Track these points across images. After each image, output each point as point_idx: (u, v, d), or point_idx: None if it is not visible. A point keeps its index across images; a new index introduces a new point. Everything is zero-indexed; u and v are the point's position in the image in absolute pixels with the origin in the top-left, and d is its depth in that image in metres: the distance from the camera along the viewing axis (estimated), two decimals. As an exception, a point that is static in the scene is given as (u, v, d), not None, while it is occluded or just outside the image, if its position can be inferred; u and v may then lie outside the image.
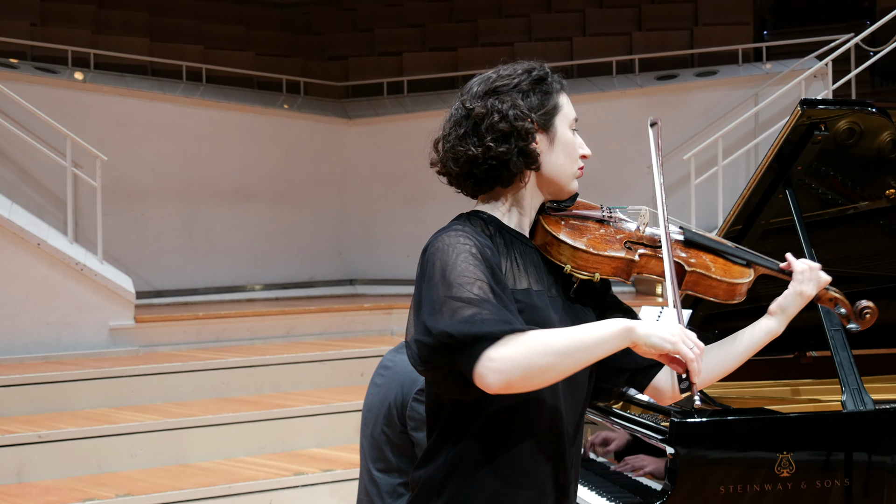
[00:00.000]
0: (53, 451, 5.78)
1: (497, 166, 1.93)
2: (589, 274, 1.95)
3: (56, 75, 9.46)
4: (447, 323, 1.74)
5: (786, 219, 3.33)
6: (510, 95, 1.96)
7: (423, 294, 1.81)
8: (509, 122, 1.92)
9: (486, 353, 1.71)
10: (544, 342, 1.73)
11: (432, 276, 1.81)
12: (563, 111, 2.01)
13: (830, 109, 3.15)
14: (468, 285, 1.77)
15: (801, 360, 3.91)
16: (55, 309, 7.39)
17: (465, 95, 2.00)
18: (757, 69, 10.22)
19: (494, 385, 1.71)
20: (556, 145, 1.98)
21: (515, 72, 2.00)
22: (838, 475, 2.84)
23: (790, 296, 2.09)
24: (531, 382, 1.74)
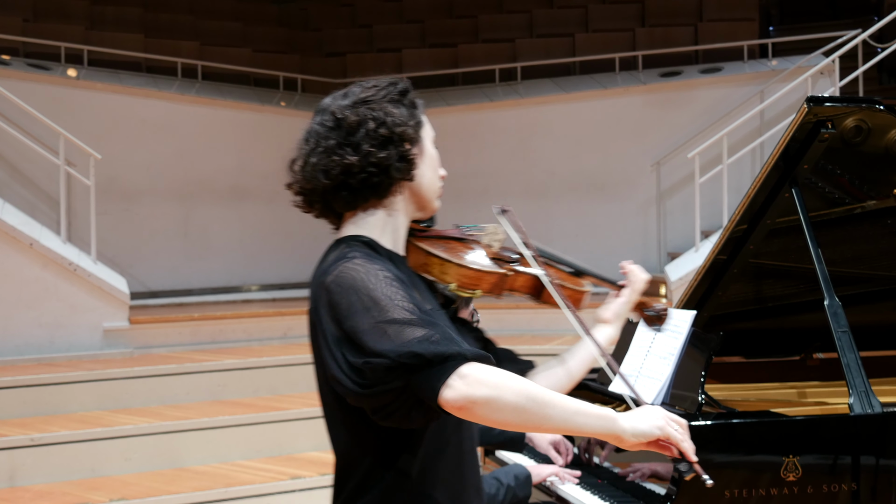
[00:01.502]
0: (46, 454, 5.78)
1: (377, 173, 1.89)
2: (472, 291, 1.95)
3: (49, 72, 9.46)
4: (400, 345, 1.69)
5: (792, 218, 3.33)
6: (381, 105, 1.93)
7: (354, 322, 1.74)
8: (388, 128, 1.90)
9: (460, 370, 1.68)
10: (523, 384, 1.71)
11: (359, 306, 1.75)
12: (427, 127, 2.00)
13: (837, 107, 3.14)
14: (401, 307, 1.74)
15: (808, 362, 3.91)
16: (48, 310, 7.39)
17: (327, 111, 1.94)
18: (762, 66, 10.22)
19: (457, 400, 1.67)
20: (424, 158, 1.97)
21: (380, 84, 1.97)
22: (845, 479, 2.84)
23: (623, 304, 2.24)
24: (494, 415, 1.69)
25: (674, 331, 3.20)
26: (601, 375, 3.69)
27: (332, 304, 1.79)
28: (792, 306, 3.79)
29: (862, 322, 3.38)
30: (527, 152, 10.34)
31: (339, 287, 1.79)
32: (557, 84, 10.78)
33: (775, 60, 10.26)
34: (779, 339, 3.91)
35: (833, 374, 3.55)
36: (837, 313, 3.10)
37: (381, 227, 1.95)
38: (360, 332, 1.73)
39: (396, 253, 1.95)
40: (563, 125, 10.32)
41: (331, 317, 1.79)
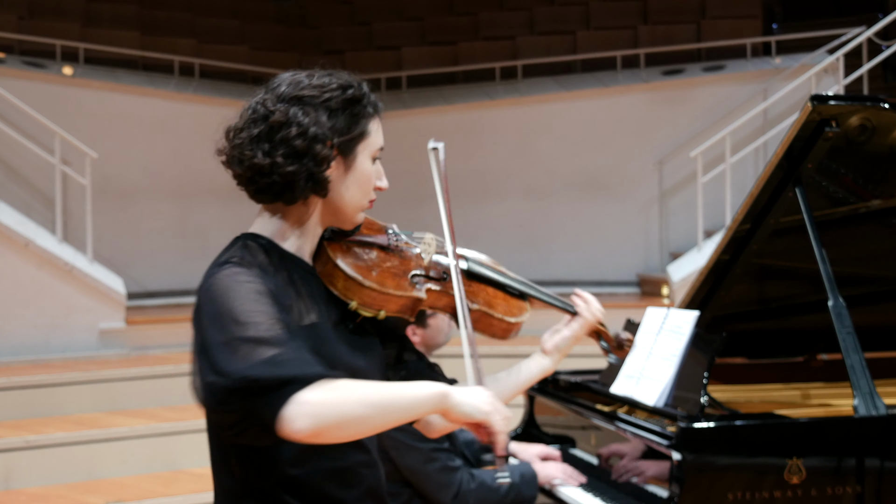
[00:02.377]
0: (41, 456, 5.77)
1: (281, 184, 1.83)
2: (374, 311, 1.87)
3: (44, 70, 9.45)
4: (246, 365, 1.66)
5: (796, 218, 3.33)
6: (316, 110, 1.84)
7: (210, 335, 1.72)
8: (306, 141, 1.81)
9: (297, 397, 1.63)
10: (360, 392, 1.68)
11: (219, 316, 1.72)
12: (370, 139, 1.89)
13: (842, 105, 3.14)
14: (260, 324, 1.69)
15: (812, 363, 3.91)
16: (43, 310, 7.38)
17: (270, 93, 1.88)
18: (766, 64, 10.22)
19: (304, 430, 1.63)
20: (350, 175, 1.88)
21: (329, 85, 1.87)
22: (850, 482, 2.84)
23: (566, 338, 2.13)
24: (342, 432, 1.67)
25: (676, 332, 3.20)
26: (603, 376, 3.69)
27: (198, 311, 1.78)
28: (796, 307, 3.79)
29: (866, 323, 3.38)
30: (527, 151, 10.33)
31: (206, 294, 1.79)
32: (558, 82, 10.78)
33: (779, 58, 10.26)
34: (782, 340, 3.92)
35: (837, 375, 3.55)
36: (842, 314, 3.10)
37: (286, 231, 1.91)
38: (213, 346, 1.71)
39: (298, 259, 1.89)
40: (564, 124, 10.32)
41: (195, 324, 1.78)
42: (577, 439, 3.62)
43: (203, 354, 1.73)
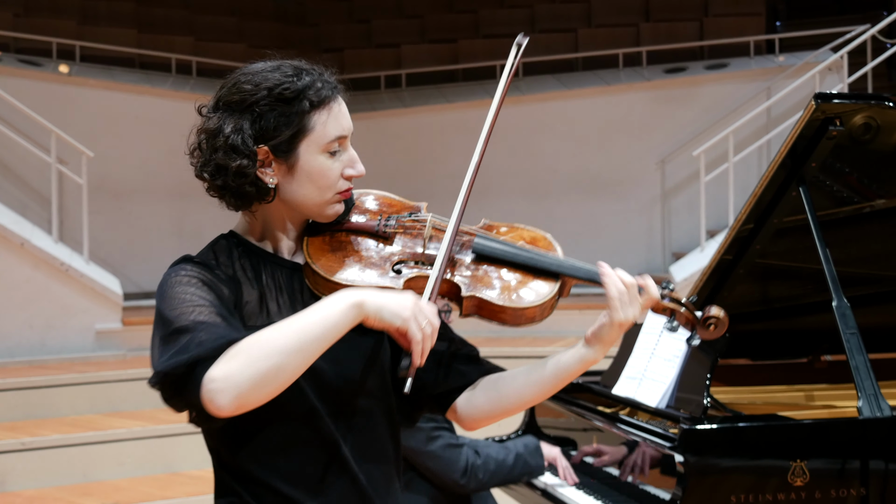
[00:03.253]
0: (37, 458, 5.78)
1: (219, 196, 1.83)
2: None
3: (40, 68, 9.46)
4: (161, 360, 1.66)
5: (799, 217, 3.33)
6: (242, 115, 1.78)
7: (153, 333, 1.73)
8: (225, 155, 1.77)
9: (207, 376, 1.60)
10: (265, 344, 1.61)
11: (158, 316, 1.73)
12: (314, 133, 1.79)
13: (846, 104, 3.14)
14: (185, 315, 1.68)
15: (816, 364, 3.91)
16: (39, 311, 7.39)
17: (215, 97, 1.84)
18: (769, 62, 10.22)
19: (226, 406, 1.59)
20: (297, 174, 1.80)
21: (259, 86, 1.79)
22: (854, 484, 2.84)
23: (606, 326, 1.80)
24: (265, 391, 1.62)
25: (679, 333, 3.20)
26: (604, 378, 3.69)
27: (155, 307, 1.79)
28: (799, 307, 3.79)
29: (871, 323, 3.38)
30: (528, 150, 10.34)
31: (158, 291, 1.79)
32: (560, 80, 10.78)
33: (782, 56, 10.26)
34: (786, 341, 3.92)
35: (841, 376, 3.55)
36: (846, 314, 3.10)
37: (257, 230, 1.89)
38: (153, 343, 1.72)
39: (273, 255, 1.86)
40: (565, 122, 10.32)
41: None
42: (578, 441, 3.62)
43: (162, 344, 1.72)
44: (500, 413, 1.92)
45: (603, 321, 1.80)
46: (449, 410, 1.95)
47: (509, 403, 1.90)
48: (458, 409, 1.93)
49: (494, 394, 1.90)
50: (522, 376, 1.88)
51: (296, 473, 1.79)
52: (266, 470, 1.79)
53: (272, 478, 1.79)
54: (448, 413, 1.96)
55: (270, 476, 1.79)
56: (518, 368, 1.92)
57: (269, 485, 1.78)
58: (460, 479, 3.46)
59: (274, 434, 1.78)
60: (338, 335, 1.67)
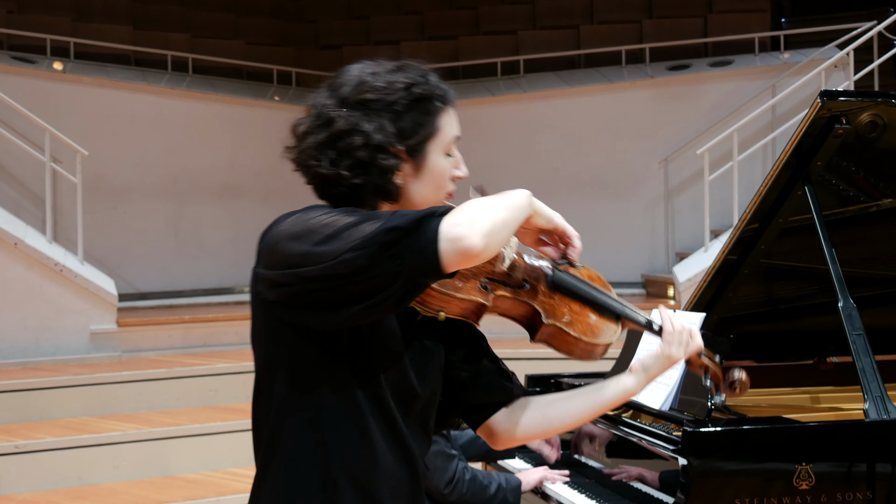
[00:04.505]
0: (31, 462, 5.78)
1: (348, 195, 1.81)
2: (433, 311, 1.82)
3: (34, 65, 9.46)
4: (377, 226, 1.64)
5: (805, 217, 3.33)
6: (380, 116, 1.79)
7: (324, 228, 1.68)
8: (370, 153, 1.78)
9: (447, 221, 1.63)
10: (491, 202, 1.71)
11: (311, 227, 1.70)
12: (441, 134, 1.85)
13: (852, 101, 3.15)
14: (353, 214, 1.70)
15: (821, 366, 3.91)
16: (33, 312, 7.39)
17: (334, 95, 1.83)
18: (774, 59, 10.22)
19: (478, 243, 1.62)
20: (423, 175, 1.84)
21: (393, 85, 1.82)
22: (860, 488, 2.84)
23: (655, 356, 1.94)
24: (499, 237, 1.68)
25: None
26: (607, 380, 3.69)
27: (270, 244, 1.76)
28: (805, 308, 3.79)
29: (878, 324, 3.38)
30: (530, 148, 10.34)
31: (278, 227, 1.78)
32: (561, 78, 10.78)
33: (788, 53, 10.26)
34: (791, 343, 3.92)
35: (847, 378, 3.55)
36: (852, 315, 3.10)
37: None
38: (337, 231, 1.67)
39: None
40: (567, 120, 10.32)
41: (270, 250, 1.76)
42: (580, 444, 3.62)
43: (327, 242, 1.67)
44: (540, 434, 2.00)
45: (652, 353, 1.93)
46: (483, 426, 2.00)
47: (550, 427, 1.98)
48: (495, 426, 1.98)
49: (537, 415, 1.97)
50: (565, 402, 1.96)
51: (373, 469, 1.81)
52: (344, 462, 1.80)
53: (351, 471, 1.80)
54: (481, 428, 2.00)
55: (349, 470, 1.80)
56: (557, 394, 1.99)
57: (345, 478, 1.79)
58: (444, 489, 3.52)
59: (353, 429, 1.79)
60: (525, 215, 1.80)
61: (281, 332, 1.79)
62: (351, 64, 1.92)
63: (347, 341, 1.78)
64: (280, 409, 1.80)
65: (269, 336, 1.81)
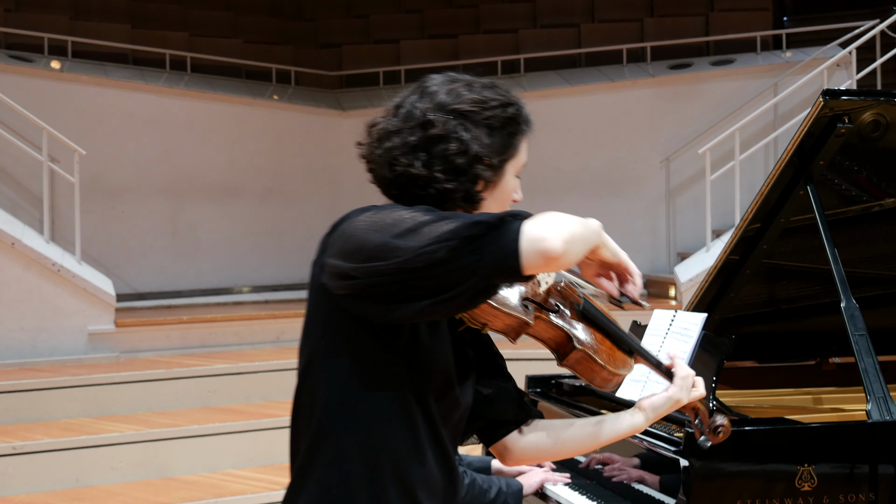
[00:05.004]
0: (28, 463, 5.78)
1: (435, 198, 1.84)
2: (478, 324, 1.86)
3: (31, 64, 9.46)
4: (460, 221, 1.67)
5: (807, 216, 3.33)
6: (477, 126, 1.86)
7: (403, 223, 1.70)
8: (469, 161, 1.83)
9: (530, 221, 1.67)
10: (566, 215, 1.73)
11: (390, 220, 1.72)
12: (519, 157, 1.95)
13: (854, 100, 3.15)
14: (431, 211, 1.72)
15: (824, 366, 3.91)
16: (30, 312, 7.39)
17: (426, 99, 1.87)
18: (776, 58, 10.22)
19: (556, 244, 1.63)
20: (496, 191, 1.91)
21: (491, 100, 1.88)
22: (863, 489, 2.84)
23: (664, 399, 2.03)
24: (576, 248, 1.70)
25: (683, 334, 3.20)
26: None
27: (344, 238, 1.79)
28: (807, 308, 3.79)
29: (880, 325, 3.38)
30: (530, 148, 10.28)
31: (353, 220, 1.79)
32: (562, 77, 10.78)
33: (790, 52, 10.26)
34: (793, 343, 3.92)
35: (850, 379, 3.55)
36: (854, 316, 3.10)
37: None
38: (417, 226, 1.70)
39: None
40: (568, 119, 10.32)
41: (344, 245, 1.78)
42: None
43: (407, 236, 1.69)
44: (549, 456, 2.12)
45: (662, 394, 2.02)
46: (499, 442, 2.07)
47: (561, 451, 2.09)
48: (511, 443, 2.06)
49: (551, 438, 2.07)
50: (578, 429, 2.06)
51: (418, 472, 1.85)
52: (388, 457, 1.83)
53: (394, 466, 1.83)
54: (495, 445, 2.07)
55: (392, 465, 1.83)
56: (570, 421, 2.09)
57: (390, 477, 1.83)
58: None
59: (403, 431, 1.83)
60: (592, 244, 1.79)
61: (341, 326, 1.81)
62: (433, 74, 1.96)
63: (406, 342, 1.81)
64: (331, 403, 1.83)
65: (328, 329, 1.83)
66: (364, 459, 1.81)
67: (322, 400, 1.83)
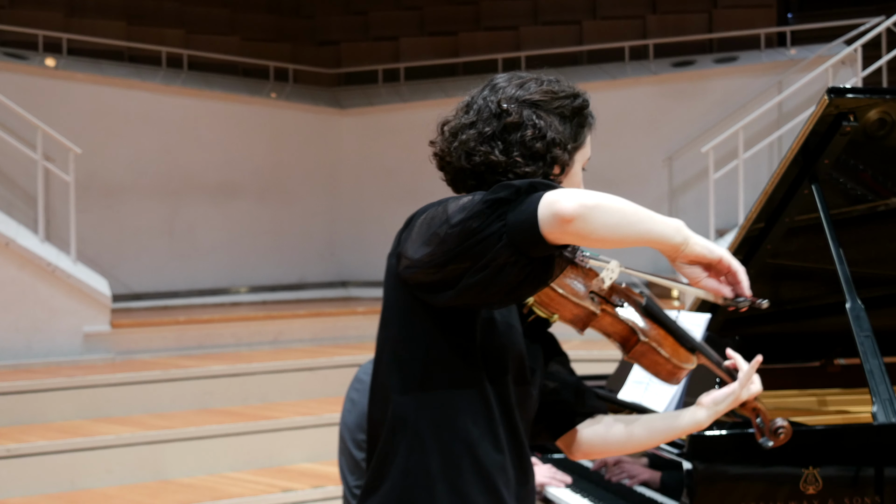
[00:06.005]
0: (23, 466, 5.78)
1: (488, 178, 1.92)
2: (548, 313, 1.92)
3: (26, 61, 9.46)
4: (491, 189, 1.72)
5: (812, 216, 3.33)
6: (549, 115, 1.94)
7: (440, 216, 1.77)
8: (546, 145, 1.92)
9: (550, 192, 1.69)
10: (605, 194, 1.73)
11: (442, 209, 1.78)
12: (585, 149, 2.02)
13: (860, 98, 3.15)
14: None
15: (829, 368, 3.91)
16: (25, 313, 7.39)
17: (500, 93, 1.95)
18: (781, 55, 10.22)
19: (566, 205, 1.65)
20: (565, 180, 1.99)
21: (560, 91, 1.98)
22: (868, 492, 2.84)
23: (725, 394, 2.08)
24: (602, 218, 1.68)
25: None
26: (610, 382, 3.69)
27: (415, 226, 1.84)
28: (812, 309, 3.79)
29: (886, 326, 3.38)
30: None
31: (424, 213, 1.85)
32: (564, 74, 10.72)
33: (794, 49, 10.26)
34: (798, 344, 3.92)
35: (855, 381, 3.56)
36: (860, 316, 3.10)
37: None
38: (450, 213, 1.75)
39: None
40: (569, 118, 10.31)
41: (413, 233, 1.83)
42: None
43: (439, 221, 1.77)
44: (616, 450, 2.16)
45: (724, 389, 2.07)
46: (565, 436, 2.13)
47: (624, 446, 2.14)
48: (576, 437, 2.12)
49: (621, 432, 2.12)
50: (642, 424, 2.12)
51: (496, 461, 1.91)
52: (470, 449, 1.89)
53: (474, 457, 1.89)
54: (561, 438, 2.13)
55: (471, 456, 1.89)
56: (630, 416, 2.16)
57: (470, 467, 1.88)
58: None
59: (483, 419, 1.89)
60: (654, 238, 1.77)
61: (416, 314, 1.89)
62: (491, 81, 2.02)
63: (481, 330, 1.89)
64: (408, 390, 1.90)
65: (405, 317, 1.91)
66: (441, 446, 1.88)
67: (398, 387, 1.91)
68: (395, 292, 1.92)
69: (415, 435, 1.88)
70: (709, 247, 1.81)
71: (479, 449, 1.88)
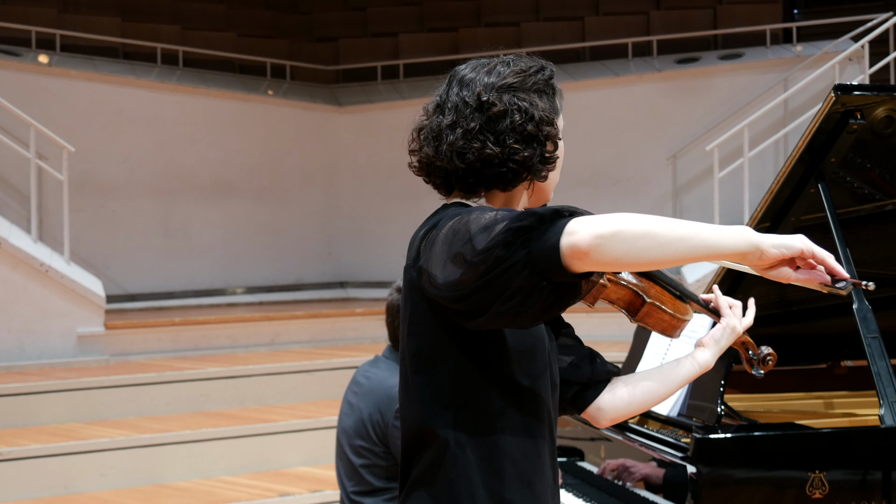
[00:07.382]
0: (16, 469, 5.78)
1: (515, 170, 1.91)
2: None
3: (19, 58, 9.46)
4: (510, 217, 1.71)
5: (818, 215, 3.33)
6: (529, 95, 1.95)
7: (462, 234, 1.76)
8: (536, 125, 1.92)
9: (576, 218, 1.70)
10: (644, 216, 1.72)
11: (470, 220, 1.77)
12: (560, 118, 2.02)
13: (867, 95, 3.15)
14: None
15: (835, 370, 3.91)
16: (17, 314, 7.38)
17: (474, 85, 1.95)
18: (786, 51, 10.22)
19: (581, 238, 1.65)
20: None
21: (528, 68, 2.00)
22: (876, 496, 2.84)
23: (721, 329, 2.15)
24: (623, 245, 1.68)
25: (691, 336, 3.20)
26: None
27: (432, 240, 1.84)
28: (818, 310, 3.79)
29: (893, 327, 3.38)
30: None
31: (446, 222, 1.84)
32: (566, 71, 10.78)
33: (800, 46, 10.26)
34: (804, 346, 3.92)
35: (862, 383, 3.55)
36: (867, 318, 3.10)
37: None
38: (472, 229, 1.75)
39: None
40: (571, 115, 10.20)
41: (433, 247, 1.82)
42: (585, 451, 3.62)
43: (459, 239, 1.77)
44: (637, 409, 2.15)
45: (718, 326, 2.15)
46: (590, 406, 2.12)
47: (646, 401, 2.13)
48: (601, 404, 2.11)
49: (631, 391, 2.13)
50: (656, 376, 2.13)
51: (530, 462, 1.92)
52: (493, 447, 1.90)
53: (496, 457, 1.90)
54: (587, 410, 2.13)
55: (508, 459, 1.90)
56: (641, 373, 2.17)
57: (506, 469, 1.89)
58: None
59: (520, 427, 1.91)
60: (718, 253, 1.75)
61: (446, 328, 1.88)
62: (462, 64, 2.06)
63: (510, 334, 1.90)
64: (441, 398, 1.89)
65: (430, 326, 1.90)
66: (481, 455, 1.88)
67: (430, 396, 1.90)
68: (418, 305, 1.91)
69: (451, 445, 1.88)
70: (785, 244, 1.79)
71: (518, 454, 1.90)
